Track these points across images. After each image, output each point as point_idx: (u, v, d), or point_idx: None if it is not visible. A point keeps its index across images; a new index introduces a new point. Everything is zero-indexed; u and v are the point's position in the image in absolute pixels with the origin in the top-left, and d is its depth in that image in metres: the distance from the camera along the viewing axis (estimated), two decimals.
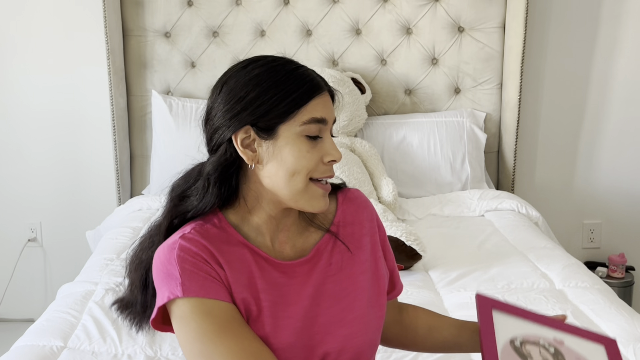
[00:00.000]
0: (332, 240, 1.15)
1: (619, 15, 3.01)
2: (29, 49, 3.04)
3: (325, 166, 1.07)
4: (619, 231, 3.18)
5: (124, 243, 2.37)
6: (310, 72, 1.09)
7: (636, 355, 1.62)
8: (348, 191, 1.22)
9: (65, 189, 3.15)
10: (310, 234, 1.15)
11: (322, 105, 1.07)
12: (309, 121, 1.05)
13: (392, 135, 2.87)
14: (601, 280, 2.12)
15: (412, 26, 2.95)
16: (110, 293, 1.96)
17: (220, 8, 2.94)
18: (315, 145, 1.06)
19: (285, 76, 1.06)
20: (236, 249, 1.08)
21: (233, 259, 1.07)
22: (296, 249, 1.13)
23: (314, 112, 1.06)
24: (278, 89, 1.05)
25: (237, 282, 1.05)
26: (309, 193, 1.07)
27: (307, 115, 1.05)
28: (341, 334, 1.09)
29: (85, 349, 1.70)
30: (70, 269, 3.01)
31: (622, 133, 3.11)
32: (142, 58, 2.98)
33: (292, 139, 1.05)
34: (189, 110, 2.87)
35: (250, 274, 1.07)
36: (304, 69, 1.09)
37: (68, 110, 3.08)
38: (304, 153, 1.05)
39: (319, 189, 1.07)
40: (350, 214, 1.18)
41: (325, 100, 1.08)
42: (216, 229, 1.08)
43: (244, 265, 1.07)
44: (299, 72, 1.07)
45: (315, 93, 1.06)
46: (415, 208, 2.70)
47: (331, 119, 1.09)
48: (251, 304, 1.05)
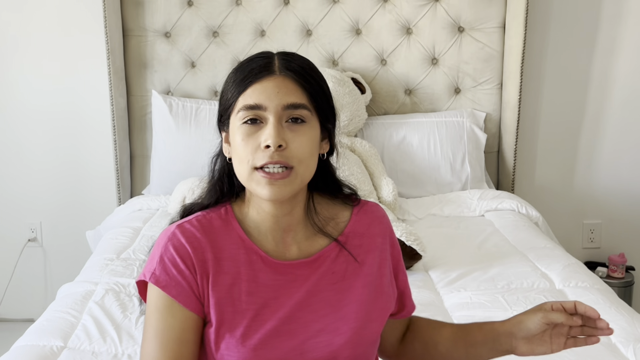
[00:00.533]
0: (338, 249, 1.14)
1: (619, 15, 3.01)
2: (29, 49, 3.04)
3: (262, 152, 1.04)
4: (619, 231, 3.18)
5: (124, 243, 2.37)
6: (259, 61, 1.08)
7: (636, 355, 1.62)
8: (366, 204, 1.20)
9: (65, 189, 3.15)
10: (318, 239, 1.14)
11: (259, 91, 1.05)
12: (242, 108, 1.05)
13: (392, 135, 2.87)
14: (601, 280, 2.12)
15: (412, 26, 2.95)
16: (110, 293, 1.96)
17: (220, 8, 2.94)
18: (255, 132, 1.05)
19: (235, 69, 1.10)
20: (232, 247, 1.09)
21: (225, 256, 1.08)
22: (301, 252, 1.12)
23: (247, 100, 1.05)
24: (228, 83, 1.09)
25: (217, 282, 1.07)
26: (254, 181, 1.05)
27: (241, 103, 1.06)
28: (334, 343, 1.08)
29: (85, 349, 1.70)
30: (70, 269, 3.01)
31: (622, 133, 3.11)
32: (142, 58, 2.98)
33: (235, 129, 1.07)
34: (189, 110, 2.87)
35: (237, 275, 1.07)
36: (257, 59, 1.08)
37: (68, 110, 3.08)
38: (240, 141, 1.05)
39: (261, 177, 1.04)
40: (362, 226, 1.16)
41: (267, 85, 1.05)
42: (220, 221, 1.11)
43: (233, 266, 1.08)
44: (247, 63, 1.09)
45: (253, 80, 1.05)
46: (415, 208, 2.70)
47: (273, 104, 1.04)
48: (226, 305, 1.06)
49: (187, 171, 2.72)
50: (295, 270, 1.10)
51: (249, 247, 1.09)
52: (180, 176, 2.70)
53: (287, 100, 1.04)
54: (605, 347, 1.65)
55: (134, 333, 1.76)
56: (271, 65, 1.07)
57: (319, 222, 1.13)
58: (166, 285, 1.06)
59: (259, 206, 1.10)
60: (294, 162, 1.04)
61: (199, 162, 3.12)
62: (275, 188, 1.04)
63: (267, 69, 1.06)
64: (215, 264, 1.07)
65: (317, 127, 1.09)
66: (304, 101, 1.06)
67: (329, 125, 1.12)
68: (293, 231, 1.12)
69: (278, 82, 1.05)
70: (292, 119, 1.05)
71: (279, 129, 1.03)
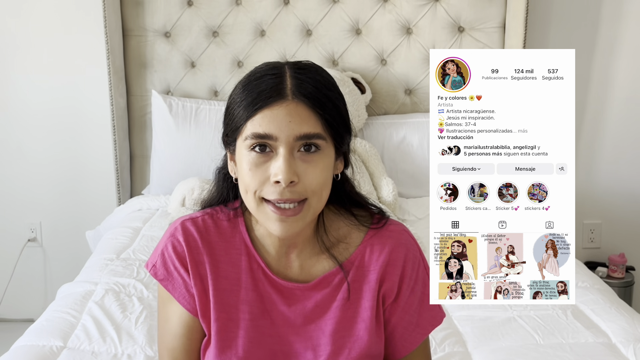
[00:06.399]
0: (342, 275, 1.06)
1: (619, 15, 3.01)
2: (29, 49, 3.03)
3: (272, 187, 0.96)
4: (619, 231, 3.18)
5: (124, 243, 2.37)
6: (270, 81, 0.97)
7: (636, 355, 1.62)
8: (387, 227, 1.09)
9: (65, 189, 3.15)
10: (322, 260, 1.07)
11: (269, 119, 0.95)
12: (250, 136, 0.96)
13: (392, 135, 2.87)
14: (601, 280, 2.12)
15: (412, 26, 2.94)
16: (110, 293, 1.96)
17: (220, 8, 2.94)
18: (264, 163, 0.96)
19: (244, 85, 1.00)
20: (234, 251, 1.07)
21: (225, 260, 1.07)
22: (303, 272, 1.07)
23: (255, 127, 0.96)
24: (235, 100, 1.00)
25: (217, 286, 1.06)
26: (263, 214, 0.99)
27: (249, 130, 0.96)
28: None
29: (85, 349, 1.70)
30: (70, 269, 3.01)
31: (622, 133, 3.11)
32: (142, 58, 2.98)
33: (242, 155, 0.99)
34: (189, 110, 2.87)
35: (237, 282, 1.06)
36: (266, 77, 0.98)
37: (68, 110, 3.08)
38: (247, 170, 0.97)
39: (272, 212, 0.97)
40: (370, 253, 1.07)
41: (277, 112, 0.95)
42: (227, 223, 1.08)
43: (234, 271, 1.06)
44: (256, 81, 0.99)
45: (263, 105, 0.96)
46: (415, 208, 2.70)
47: (284, 134, 0.95)
48: (222, 311, 1.06)
49: (187, 171, 2.72)
50: (296, 292, 1.06)
51: (251, 255, 1.07)
52: (180, 176, 2.70)
53: (300, 130, 0.95)
54: (605, 347, 1.66)
55: (134, 333, 1.76)
56: (282, 87, 0.97)
57: (327, 242, 1.07)
58: (163, 279, 1.07)
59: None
60: (307, 194, 0.98)
61: (199, 162, 3.13)
62: (287, 225, 0.98)
63: (278, 92, 0.96)
64: (214, 266, 1.06)
65: (331, 153, 1.01)
66: (319, 130, 0.97)
67: (344, 147, 1.04)
68: (298, 248, 1.07)
69: (290, 110, 0.95)
70: (305, 147, 0.97)
71: (291, 161, 0.95)
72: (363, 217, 1.10)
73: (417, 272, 1.10)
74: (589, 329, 1.75)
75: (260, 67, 1.02)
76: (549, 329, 1.76)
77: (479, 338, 1.74)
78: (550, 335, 1.73)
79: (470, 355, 1.68)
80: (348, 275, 1.06)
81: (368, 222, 1.09)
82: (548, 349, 1.67)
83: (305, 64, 1.03)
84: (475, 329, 1.78)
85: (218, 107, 2.86)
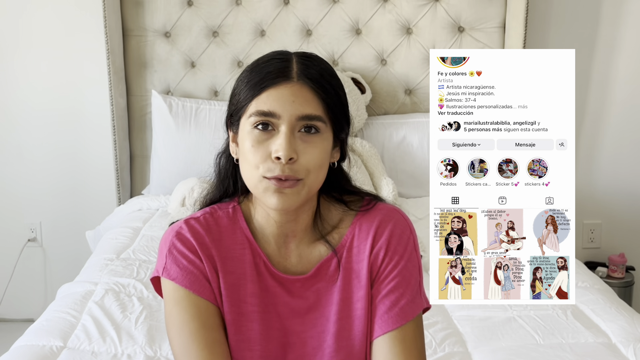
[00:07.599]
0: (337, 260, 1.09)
1: (619, 15, 3.01)
2: (29, 49, 3.03)
3: (272, 163, 1.00)
4: (619, 231, 3.18)
5: (124, 243, 2.37)
6: (277, 63, 1.03)
7: (636, 355, 1.62)
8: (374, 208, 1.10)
9: (65, 189, 3.15)
10: (319, 246, 1.10)
11: (274, 97, 1.00)
12: (254, 113, 1.01)
13: (392, 135, 2.87)
14: (601, 280, 2.12)
15: (412, 26, 2.94)
16: (110, 293, 1.96)
17: (220, 8, 2.94)
18: (266, 140, 1.01)
19: (251, 69, 1.06)
20: (237, 246, 1.08)
21: (230, 256, 1.08)
22: (302, 262, 1.09)
23: (260, 105, 1.01)
24: (241, 82, 1.05)
25: (227, 281, 1.06)
26: (262, 188, 1.02)
27: (254, 107, 1.01)
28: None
29: (85, 349, 1.70)
30: (70, 269, 3.01)
31: (622, 133, 3.11)
32: (142, 58, 2.98)
33: (246, 133, 1.03)
34: (189, 110, 2.87)
35: (243, 275, 1.07)
36: (274, 61, 1.04)
37: (68, 110, 3.08)
38: (250, 147, 1.02)
39: (270, 184, 1.01)
40: (358, 234, 1.09)
41: (282, 92, 1.01)
42: (227, 220, 1.10)
43: (239, 265, 1.07)
44: (264, 64, 1.04)
45: (269, 84, 1.01)
46: (415, 208, 2.69)
47: (288, 113, 1.00)
48: (232, 305, 1.06)
49: (187, 171, 2.72)
50: (296, 284, 1.08)
51: (254, 249, 1.09)
52: (180, 176, 2.70)
53: (303, 110, 1.00)
54: (605, 347, 1.66)
55: (134, 333, 1.76)
56: (289, 69, 1.03)
57: (322, 229, 1.10)
58: (177, 277, 1.05)
59: (264, 210, 1.09)
60: (303, 174, 1.01)
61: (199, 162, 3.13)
62: (284, 197, 1.01)
63: (284, 73, 1.02)
64: (221, 262, 1.07)
65: (330, 138, 1.05)
66: (320, 112, 1.02)
67: (342, 135, 1.08)
68: (297, 237, 1.10)
69: (295, 90, 1.01)
70: (306, 129, 1.01)
71: (291, 139, 1.00)
72: (353, 201, 1.13)
73: (405, 248, 1.07)
74: (589, 329, 1.75)
75: (268, 54, 1.08)
76: (549, 329, 1.76)
77: (479, 338, 1.74)
78: (550, 335, 1.73)
79: (470, 355, 1.68)
80: (341, 258, 1.08)
81: (358, 205, 1.12)
82: (548, 349, 1.67)
83: (311, 54, 1.08)
84: (475, 329, 1.78)
85: (218, 107, 2.86)
